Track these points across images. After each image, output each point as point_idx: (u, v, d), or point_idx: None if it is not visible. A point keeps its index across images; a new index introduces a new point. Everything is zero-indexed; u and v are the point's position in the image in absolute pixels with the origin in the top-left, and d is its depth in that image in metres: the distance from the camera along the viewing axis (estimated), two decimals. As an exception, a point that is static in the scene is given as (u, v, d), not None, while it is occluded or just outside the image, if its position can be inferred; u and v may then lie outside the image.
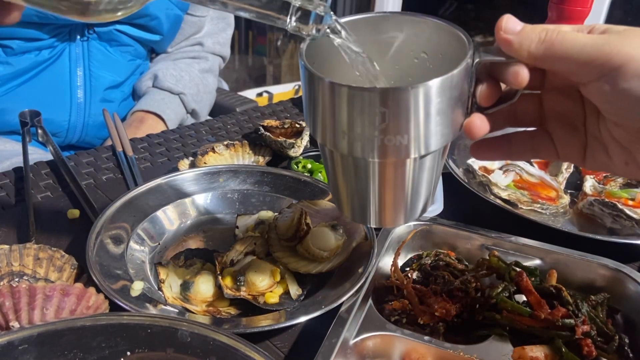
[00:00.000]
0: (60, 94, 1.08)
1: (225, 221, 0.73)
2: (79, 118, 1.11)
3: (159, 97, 1.17)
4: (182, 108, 1.20)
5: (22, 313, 0.48)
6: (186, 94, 1.19)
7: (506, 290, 0.56)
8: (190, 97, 1.20)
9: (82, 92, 1.10)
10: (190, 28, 1.24)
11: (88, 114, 1.12)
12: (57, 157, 0.84)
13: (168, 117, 1.16)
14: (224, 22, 1.29)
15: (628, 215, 0.72)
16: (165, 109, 1.16)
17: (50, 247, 0.61)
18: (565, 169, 0.84)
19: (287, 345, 0.55)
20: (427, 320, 0.56)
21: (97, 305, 0.52)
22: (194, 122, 1.27)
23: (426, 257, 0.64)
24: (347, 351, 0.51)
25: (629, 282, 0.59)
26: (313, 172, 0.81)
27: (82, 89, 1.10)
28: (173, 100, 1.18)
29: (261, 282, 0.59)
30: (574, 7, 0.98)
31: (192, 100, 1.21)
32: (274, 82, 3.28)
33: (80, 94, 1.10)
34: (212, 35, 1.27)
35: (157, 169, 0.87)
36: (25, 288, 0.50)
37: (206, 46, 1.27)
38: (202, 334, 0.44)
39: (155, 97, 1.17)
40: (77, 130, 1.12)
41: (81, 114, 1.11)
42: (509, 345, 0.53)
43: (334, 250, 0.63)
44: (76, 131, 1.12)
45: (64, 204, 0.76)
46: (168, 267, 0.61)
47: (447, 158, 0.83)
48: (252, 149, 0.87)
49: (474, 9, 3.60)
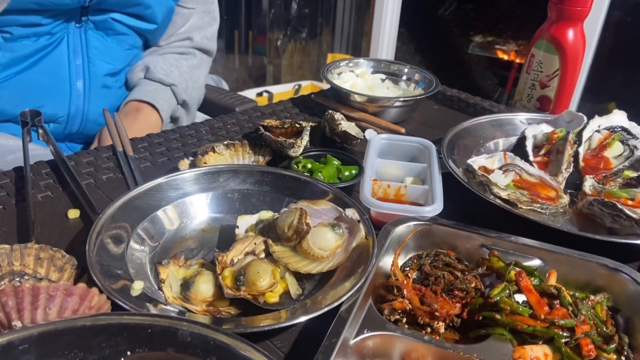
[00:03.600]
0: (60, 83, 1.10)
1: (225, 221, 0.73)
2: (78, 107, 1.13)
3: (151, 87, 1.19)
4: (174, 99, 1.23)
5: (25, 312, 0.48)
6: (177, 85, 1.22)
7: (506, 290, 0.56)
8: (181, 89, 1.23)
9: (81, 81, 1.12)
10: (181, 20, 1.26)
11: (87, 102, 1.14)
12: (58, 156, 0.84)
13: (161, 108, 1.18)
14: (209, 17, 1.32)
15: (628, 215, 0.72)
16: (158, 99, 1.18)
17: (51, 247, 0.61)
18: (565, 169, 0.84)
19: (287, 345, 0.55)
20: (427, 320, 0.56)
21: (100, 305, 0.52)
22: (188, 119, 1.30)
23: (426, 257, 0.64)
24: (347, 351, 0.51)
25: (629, 282, 0.59)
26: (313, 172, 0.81)
27: (81, 79, 1.12)
28: (165, 91, 1.21)
29: (261, 282, 0.59)
30: (574, 7, 0.98)
31: (183, 92, 1.24)
32: (274, 81, 3.29)
33: (79, 83, 1.12)
34: (199, 29, 1.29)
35: (157, 169, 0.87)
36: (29, 288, 0.50)
37: (195, 41, 1.29)
38: (202, 334, 0.44)
39: (148, 87, 1.19)
40: (77, 119, 1.14)
41: (81, 103, 1.13)
42: (509, 345, 0.53)
43: (334, 250, 0.63)
44: (76, 120, 1.14)
45: (64, 203, 0.76)
46: (168, 267, 0.61)
47: (447, 158, 0.83)
48: (252, 149, 0.87)
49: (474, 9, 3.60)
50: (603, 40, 2.09)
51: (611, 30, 2.16)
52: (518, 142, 0.93)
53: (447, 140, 0.89)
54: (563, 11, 0.99)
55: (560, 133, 0.91)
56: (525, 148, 0.90)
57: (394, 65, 1.20)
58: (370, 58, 1.26)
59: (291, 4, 3.23)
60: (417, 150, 0.88)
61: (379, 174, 0.82)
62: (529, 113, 1.05)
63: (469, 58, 3.33)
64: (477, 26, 3.44)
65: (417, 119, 1.10)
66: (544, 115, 1.03)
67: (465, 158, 0.85)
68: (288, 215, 0.65)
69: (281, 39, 3.28)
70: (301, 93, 2.79)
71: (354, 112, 1.07)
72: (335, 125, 0.92)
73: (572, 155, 0.86)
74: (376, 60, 1.22)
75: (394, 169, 0.84)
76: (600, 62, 2.18)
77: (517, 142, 0.93)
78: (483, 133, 0.97)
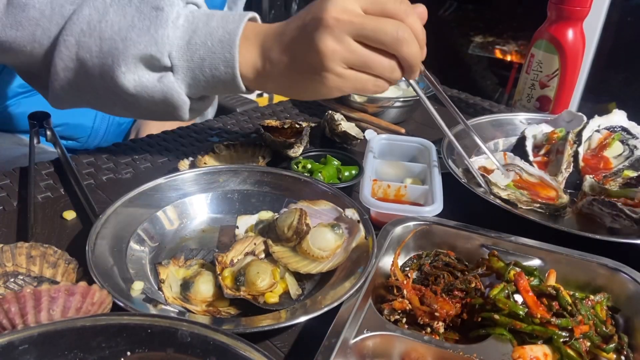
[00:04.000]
0: None
1: (225, 221, 0.73)
2: (102, 125, 1.13)
3: None
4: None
5: (28, 317, 0.48)
6: None
7: (505, 290, 0.56)
8: None
9: None
10: None
11: (111, 122, 1.15)
12: (64, 158, 0.84)
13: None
14: None
15: (628, 215, 0.72)
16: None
17: (42, 244, 0.61)
18: (565, 169, 0.84)
19: (287, 345, 0.55)
20: (427, 320, 0.56)
21: (102, 300, 0.52)
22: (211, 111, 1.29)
23: (426, 257, 0.64)
24: (347, 351, 0.51)
25: (628, 282, 0.59)
26: (313, 172, 0.81)
27: None
28: None
29: (261, 282, 0.59)
30: (573, 7, 0.98)
31: None
32: (274, 82, 3.28)
33: None
34: None
35: (157, 169, 0.87)
36: (30, 292, 0.50)
37: None
38: (202, 334, 0.44)
39: None
40: (98, 136, 1.14)
41: (105, 121, 1.14)
42: (508, 345, 0.53)
43: (334, 250, 0.63)
44: (97, 137, 1.14)
45: (64, 204, 0.76)
46: (168, 267, 0.61)
47: (447, 158, 0.83)
48: (252, 149, 0.88)
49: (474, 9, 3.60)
50: (603, 40, 2.09)
51: (611, 30, 2.16)
52: (518, 142, 0.93)
53: (447, 140, 0.89)
54: (563, 11, 0.99)
55: (560, 133, 0.91)
56: (525, 148, 0.90)
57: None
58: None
59: (291, 4, 3.23)
60: (417, 150, 0.88)
61: (378, 174, 0.82)
62: (528, 113, 1.05)
63: (469, 58, 3.33)
64: (477, 26, 3.44)
65: (417, 119, 1.10)
66: (543, 115, 1.03)
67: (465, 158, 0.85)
68: (288, 215, 0.65)
69: (281, 40, 3.28)
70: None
71: (354, 113, 1.07)
72: (335, 126, 0.92)
73: (572, 155, 0.86)
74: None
75: (394, 169, 0.84)
76: (600, 62, 2.18)
77: (517, 142, 0.93)
78: (483, 133, 0.97)
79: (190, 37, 0.64)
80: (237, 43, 0.64)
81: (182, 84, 0.66)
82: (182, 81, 0.66)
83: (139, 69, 0.64)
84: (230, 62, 0.64)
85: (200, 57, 0.64)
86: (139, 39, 0.63)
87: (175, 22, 0.64)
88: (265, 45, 0.66)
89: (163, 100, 0.67)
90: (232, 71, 0.65)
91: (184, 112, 0.69)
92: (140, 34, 0.63)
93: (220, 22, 0.65)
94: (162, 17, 0.63)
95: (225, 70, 0.65)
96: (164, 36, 0.63)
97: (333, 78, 0.63)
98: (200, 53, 0.64)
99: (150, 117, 0.76)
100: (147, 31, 0.63)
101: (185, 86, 0.66)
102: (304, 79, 0.65)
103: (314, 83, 0.64)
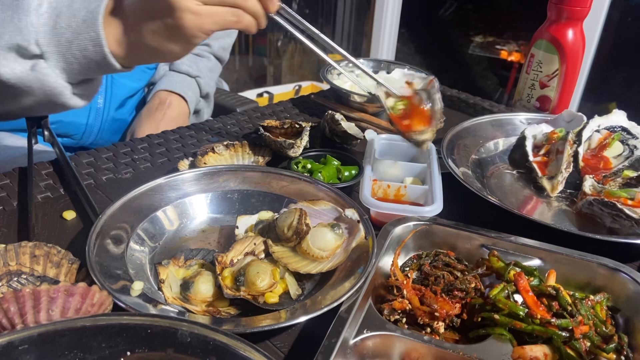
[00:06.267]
0: None
1: (225, 221, 0.73)
2: (96, 121, 1.14)
3: (178, 79, 1.21)
4: (198, 91, 1.25)
5: (27, 317, 0.48)
6: (201, 77, 1.24)
7: (505, 290, 0.56)
8: (203, 82, 1.25)
9: (102, 98, 1.13)
10: None
11: (105, 118, 1.15)
12: (62, 158, 0.84)
13: (190, 99, 1.20)
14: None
15: (627, 215, 0.72)
16: (186, 90, 1.20)
17: (45, 243, 0.61)
18: (565, 169, 0.84)
19: (287, 345, 0.55)
20: (427, 320, 0.56)
21: (102, 301, 0.52)
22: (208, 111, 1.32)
23: (426, 257, 0.64)
24: (346, 351, 0.51)
25: (628, 282, 0.59)
26: (313, 172, 0.81)
27: (102, 95, 1.13)
28: (192, 83, 1.23)
29: (261, 282, 0.59)
30: (573, 7, 0.98)
31: (205, 85, 1.25)
32: (274, 82, 3.29)
33: (100, 99, 1.13)
34: (218, 39, 1.30)
35: (157, 169, 0.87)
36: (29, 292, 0.50)
37: (212, 48, 1.30)
38: (202, 334, 0.44)
39: (175, 79, 1.21)
40: (92, 133, 1.15)
41: (99, 118, 1.14)
42: (508, 345, 0.53)
43: (334, 250, 0.63)
44: (92, 134, 1.15)
45: (64, 204, 0.76)
46: (168, 267, 0.61)
47: (447, 158, 0.83)
48: (252, 149, 0.88)
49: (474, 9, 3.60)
50: (603, 40, 2.09)
51: (611, 30, 2.16)
52: (518, 142, 0.93)
53: (447, 140, 0.89)
54: (563, 11, 0.99)
55: (560, 133, 0.91)
56: (525, 148, 0.90)
57: (394, 66, 1.20)
58: (371, 58, 1.26)
59: (291, 4, 3.23)
60: (417, 150, 0.88)
61: (378, 174, 0.82)
62: (528, 113, 1.05)
63: (469, 58, 3.33)
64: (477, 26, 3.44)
65: (417, 119, 1.10)
66: (543, 115, 1.03)
67: (465, 158, 0.85)
68: (287, 215, 0.65)
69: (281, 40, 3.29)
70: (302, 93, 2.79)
71: (354, 113, 1.07)
72: (335, 126, 0.92)
73: (572, 155, 0.86)
74: (376, 60, 1.22)
75: (393, 169, 0.84)
76: (600, 62, 2.18)
77: (517, 142, 0.93)
78: (483, 133, 0.97)
79: (55, 21, 0.65)
80: (101, 20, 0.65)
81: (57, 69, 0.67)
82: (56, 67, 0.67)
83: (10, 60, 0.65)
84: (97, 41, 0.65)
85: (68, 40, 0.65)
86: (3, 30, 0.64)
87: (37, 9, 0.65)
88: (127, 13, 0.66)
89: (41, 88, 0.67)
90: (100, 49, 0.66)
91: (68, 98, 0.70)
92: (4, 25, 0.64)
93: (83, 3, 0.65)
94: (23, 6, 0.64)
95: (94, 49, 0.66)
96: (28, 24, 0.64)
97: (190, 17, 0.63)
98: (66, 36, 0.65)
99: (44, 109, 0.76)
100: (10, 21, 0.64)
101: (60, 71, 0.67)
102: (167, 30, 0.64)
103: (177, 31, 0.64)
